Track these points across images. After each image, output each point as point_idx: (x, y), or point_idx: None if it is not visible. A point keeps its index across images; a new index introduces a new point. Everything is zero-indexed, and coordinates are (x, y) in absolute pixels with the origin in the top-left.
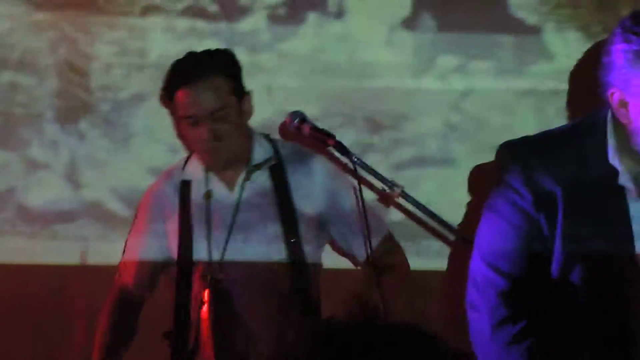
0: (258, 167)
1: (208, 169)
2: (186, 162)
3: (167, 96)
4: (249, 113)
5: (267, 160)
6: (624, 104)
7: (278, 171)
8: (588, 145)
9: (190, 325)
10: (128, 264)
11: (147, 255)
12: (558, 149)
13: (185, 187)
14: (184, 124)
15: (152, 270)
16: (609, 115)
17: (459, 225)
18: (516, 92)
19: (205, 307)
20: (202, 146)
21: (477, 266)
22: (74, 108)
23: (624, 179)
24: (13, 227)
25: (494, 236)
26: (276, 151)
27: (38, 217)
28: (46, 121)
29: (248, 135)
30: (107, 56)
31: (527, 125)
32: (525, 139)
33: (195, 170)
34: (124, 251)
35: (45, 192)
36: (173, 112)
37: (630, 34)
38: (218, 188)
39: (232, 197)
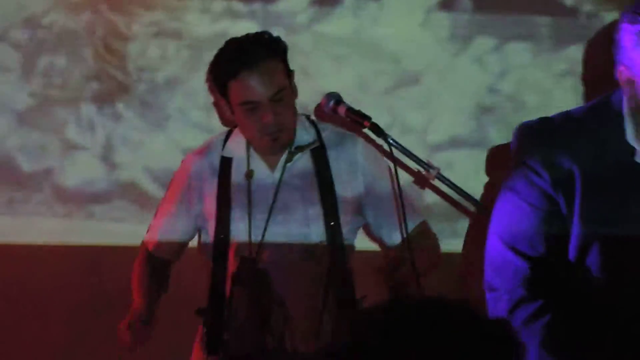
0: (301, 149)
1: (266, 152)
2: (226, 139)
3: (219, 86)
4: (296, 93)
5: (310, 143)
6: (630, 82)
7: (320, 154)
8: (605, 125)
9: (225, 304)
10: (154, 238)
11: (175, 230)
12: (576, 129)
13: (225, 164)
14: (240, 112)
15: (179, 246)
16: (625, 95)
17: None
18: (553, 73)
19: (241, 286)
20: (264, 131)
21: (494, 247)
22: (110, 89)
23: None
24: (49, 208)
25: (513, 217)
26: (318, 134)
27: (74, 197)
28: (82, 102)
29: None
30: (144, 37)
31: (564, 106)
32: (543, 120)
33: (237, 148)
34: (153, 220)
35: (81, 173)
36: (223, 101)
37: (637, 14)
38: (259, 168)
39: (273, 178)
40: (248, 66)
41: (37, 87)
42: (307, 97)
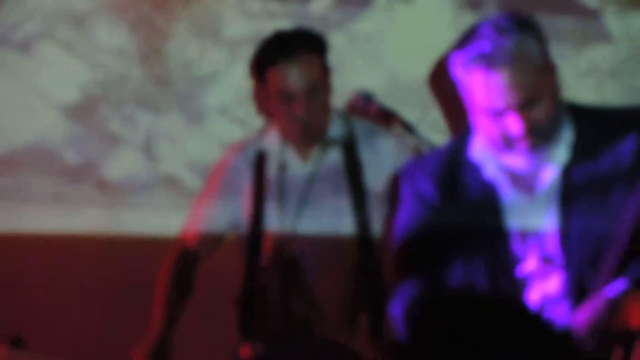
0: (333, 142)
1: (297, 142)
2: (264, 133)
3: (259, 72)
4: (332, 90)
5: (342, 138)
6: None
7: (351, 148)
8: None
9: (258, 292)
10: (193, 229)
11: (213, 225)
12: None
13: (261, 157)
14: (275, 100)
15: (215, 238)
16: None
17: None
18: (576, 72)
19: (273, 275)
20: (295, 121)
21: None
22: (151, 85)
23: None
24: (93, 200)
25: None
26: (350, 129)
27: (116, 189)
28: (124, 97)
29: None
30: (183, 35)
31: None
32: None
33: (272, 141)
34: (191, 215)
35: (123, 166)
36: (261, 88)
37: (465, 39)
38: (293, 160)
39: (305, 170)
40: (287, 56)
41: (83, 83)
42: (340, 93)
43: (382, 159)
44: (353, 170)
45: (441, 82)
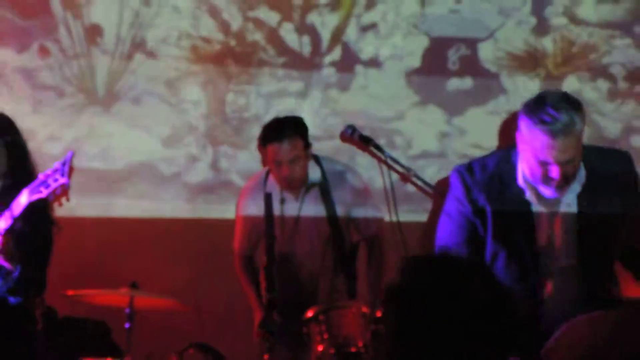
0: (313, 185)
1: (282, 189)
2: (265, 180)
3: (262, 146)
4: (309, 157)
5: (317, 181)
6: (523, 150)
7: (324, 187)
8: (507, 174)
9: (273, 276)
10: (238, 243)
11: (249, 238)
12: (488, 178)
13: (268, 197)
14: (271, 164)
15: (252, 245)
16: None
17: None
18: (485, 113)
19: (280, 265)
20: (283, 178)
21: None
22: (215, 122)
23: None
24: (178, 197)
25: (446, 233)
26: (323, 172)
27: (194, 190)
28: (199, 131)
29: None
30: (235, 90)
31: None
32: (467, 168)
33: (272, 187)
34: (235, 234)
35: (198, 175)
36: (264, 156)
37: (537, 107)
38: (288, 197)
39: (297, 204)
40: (278, 139)
41: (172, 123)
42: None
43: (344, 189)
44: (327, 201)
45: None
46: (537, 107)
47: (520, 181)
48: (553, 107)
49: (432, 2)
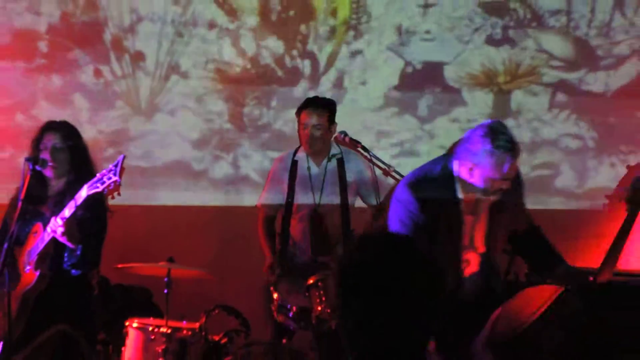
0: (333, 156)
1: (307, 154)
2: (296, 151)
3: (298, 112)
4: (333, 132)
5: (337, 154)
6: (466, 166)
7: (341, 160)
8: (446, 183)
9: (289, 238)
10: (264, 201)
11: (272, 198)
12: (431, 185)
13: (294, 163)
14: (301, 126)
15: (275, 206)
16: (457, 167)
17: None
18: (448, 120)
19: (305, 223)
20: (306, 139)
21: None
22: (235, 129)
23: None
24: (206, 190)
25: (397, 224)
26: (340, 150)
27: (219, 184)
28: (222, 136)
29: (330, 141)
30: (252, 102)
31: None
32: (415, 176)
33: (301, 155)
34: (262, 194)
35: (222, 171)
36: (298, 121)
37: (490, 129)
38: (312, 165)
39: (320, 170)
40: (309, 107)
41: (200, 129)
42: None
43: (355, 165)
44: (341, 171)
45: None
46: (490, 134)
47: (458, 191)
48: (502, 132)
49: (407, 33)
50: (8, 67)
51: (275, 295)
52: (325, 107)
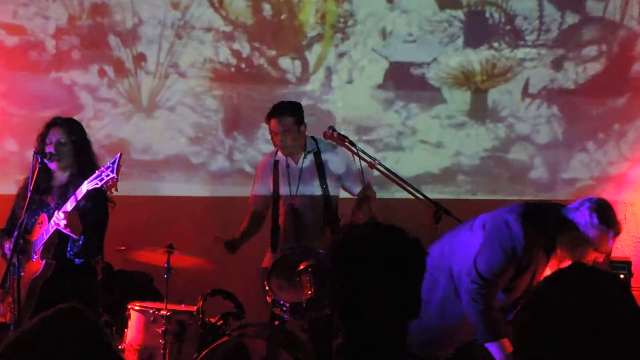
0: (309, 152)
1: (284, 155)
2: (276, 152)
3: (267, 120)
4: (303, 131)
5: (312, 150)
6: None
7: (317, 154)
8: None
9: (279, 226)
10: (253, 198)
11: (260, 194)
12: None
13: (275, 163)
14: (271, 134)
15: (264, 201)
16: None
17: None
18: (430, 117)
19: (286, 217)
20: (278, 145)
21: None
22: (229, 124)
23: None
24: (204, 182)
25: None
26: (316, 144)
27: (215, 176)
28: (217, 130)
29: (303, 138)
30: (245, 100)
31: None
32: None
33: (280, 156)
34: (252, 189)
35: (218, 164)
36: (269, 127)
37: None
38: (291, 162)
39: (297, 167)
40: (274, 116)
41: (197, 124)
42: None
43: (337, 157)
44: (319, 165)
45: None
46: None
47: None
48: None
49: (391, 36)
50: (19, 66)
51: (268, 290)
52: (289, 112)
